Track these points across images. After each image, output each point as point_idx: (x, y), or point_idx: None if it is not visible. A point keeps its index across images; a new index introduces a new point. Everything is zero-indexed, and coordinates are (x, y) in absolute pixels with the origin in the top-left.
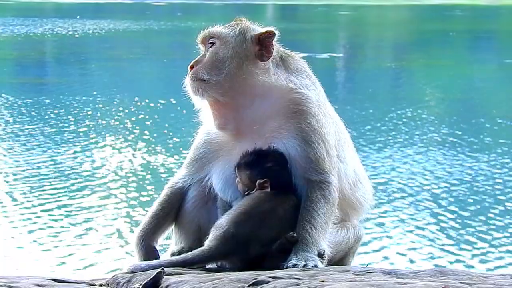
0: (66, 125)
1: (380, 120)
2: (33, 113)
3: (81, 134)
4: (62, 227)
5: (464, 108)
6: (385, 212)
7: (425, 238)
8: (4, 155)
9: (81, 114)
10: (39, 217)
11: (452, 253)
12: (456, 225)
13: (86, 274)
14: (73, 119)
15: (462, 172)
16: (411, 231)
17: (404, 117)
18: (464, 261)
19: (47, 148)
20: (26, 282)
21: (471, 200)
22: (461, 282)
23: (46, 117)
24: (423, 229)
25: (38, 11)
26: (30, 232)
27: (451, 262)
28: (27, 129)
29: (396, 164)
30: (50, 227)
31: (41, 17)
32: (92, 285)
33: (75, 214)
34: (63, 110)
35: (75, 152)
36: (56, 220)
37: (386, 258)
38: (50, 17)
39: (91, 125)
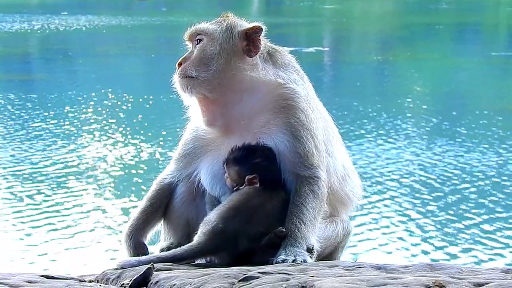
0: (54, 121)
1: (367, 114)
2: (19, 109)
3: (68, 130)
4: (51, 223)
5: (451, 101)
6: (374, 206)
7: (415, 232)
8: None
9: (68, 110)
10: (28, 213)
11: (442, 247)
12: (447, 219)
13: (76, 270)
14: (60, 115)
15: (451, 165)
16: (400, 225)
17: (391, 110)
18: (454, 256)
19: (34, 144)
20: (16, 279)
21: (463, 193)
22: (451, 277)
23: (33, 113)
24: (413, 223)
25: (23, 7)
26: (19, 228)
27: (441, 258)
28: (14, 125)
29: (384, 157)
30: (39, 223)
31: (27, 13)
32: (82, 281)
33: (64, 210)
34: (50, 106)
35: (63, 148)
36: (45, 217)
37: (375, 252)
38: (36, 13)
39: (78, 121)
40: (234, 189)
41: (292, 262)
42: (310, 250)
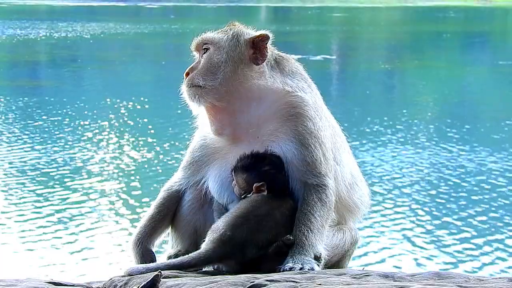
0: (60, 128)
1: (374, 122)
2: (27, 115)
3: (75, 137)
4: (59, 230)
5: (458, 109)
6: (382, 213)
7: (422, 241)
8: None
9: (75, 117)
10: (36, 220)
11: (449, 255)
12: (454, 228)
13: (83, 277)
14: (67, 122)
15: (458, 172)
16: (408, 233)
17: (399, 118)
18: (461, 263)
19: (41, 151)
20: (23, 285)
21: (470, 201)
22: (458, 286)
23: (40, 120)
24: (420, 231)
25: (32, 13)
26: (27, 235)
27: (449, 266)
28: (21, 131)
29: (391, 165)
30: (47, 230)
31: (35, 20)
32: (89, 287)
33: (72, 217)
34: (57, 113)
35: (70, 155)
36: (53, 223)
37: (382, 260)
38: (44, 19)
39: (85, 128)
40: (242, 197)
41: (299, 270)
42: (317, 258)
